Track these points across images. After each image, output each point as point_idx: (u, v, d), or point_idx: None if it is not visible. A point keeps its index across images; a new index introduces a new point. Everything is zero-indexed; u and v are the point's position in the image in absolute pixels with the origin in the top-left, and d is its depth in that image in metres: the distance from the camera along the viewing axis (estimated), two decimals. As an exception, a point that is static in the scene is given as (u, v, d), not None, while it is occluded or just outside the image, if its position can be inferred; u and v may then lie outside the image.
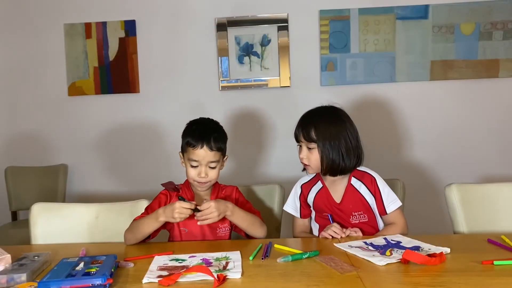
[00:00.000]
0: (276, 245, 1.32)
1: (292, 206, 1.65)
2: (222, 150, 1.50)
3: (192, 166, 1.47)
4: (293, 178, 1.70)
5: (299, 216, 1.63)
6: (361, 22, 2.89)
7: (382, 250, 1.23)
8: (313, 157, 1.49)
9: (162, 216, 1.36)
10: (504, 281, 0.99)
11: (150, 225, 1.40)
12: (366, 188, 1.53)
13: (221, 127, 1.56)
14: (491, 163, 2.92)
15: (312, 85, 2.95)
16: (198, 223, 1.39)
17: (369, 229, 1.52)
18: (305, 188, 1.62)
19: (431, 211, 2.83)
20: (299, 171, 1.64)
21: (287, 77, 2.95)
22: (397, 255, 1.18)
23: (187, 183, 1.56)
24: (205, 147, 1.44)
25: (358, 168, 1.55)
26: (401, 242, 1.30)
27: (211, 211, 1.36)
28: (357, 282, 1.02)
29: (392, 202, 1.51)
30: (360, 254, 1.20)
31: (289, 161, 2.90)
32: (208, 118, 1.58)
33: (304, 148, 1.51)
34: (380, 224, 1.56)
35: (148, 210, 1.49)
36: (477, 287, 0.97)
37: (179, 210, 1.33)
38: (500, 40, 2.85)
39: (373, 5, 2.88)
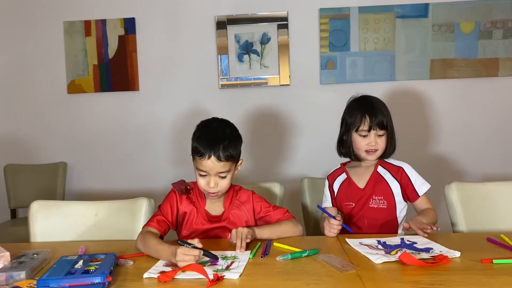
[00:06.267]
0: (275, 244, 1.32)
1: (325, 200, 1.69)
2: (233, 159, 1.39)
3: (201, 175, 1.39)
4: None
5: (331, 206, 1.66)
6: (361, 21, 2.88)
7: (388, 250, 1.21)
8: (382, 143, 1.58)
9: (164, 257, 1.18)
10: (504, 280, 0.99)
11: (154, 255, 1.22)
12: (391, 176, 1.59)
13: (234, 131, 1.45)
14: (490, 162, 2.91)
15: (311, 83, 2.94)
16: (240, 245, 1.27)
17: (384, 218, 1.55)
18: (331, 178, 1.69)
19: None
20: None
21: (286, 75, 2.95)
22: (396, 255, 1.14)
23: None
24: (212, 157, 1.33)
25: (385, 160, 1.63)
26: (416, 243, 1.26)
27: (241, 231, 1.29)
28: (357, 280, 1.02)
29: (422, 184, 1.57)
30: (363, 251, 1.20)
31: (288, 159, 2.92)
32: (221, 121, 1.46)
33: (373, 135, 1.57)
34: (399, 214, 1.57)
35: (161, 210, 1.44)
36: (476, 285, 0.97)
37: (180, 258, 1.10)
38: (500, 39, 2.85)
39: (373, 3, 2.87)
